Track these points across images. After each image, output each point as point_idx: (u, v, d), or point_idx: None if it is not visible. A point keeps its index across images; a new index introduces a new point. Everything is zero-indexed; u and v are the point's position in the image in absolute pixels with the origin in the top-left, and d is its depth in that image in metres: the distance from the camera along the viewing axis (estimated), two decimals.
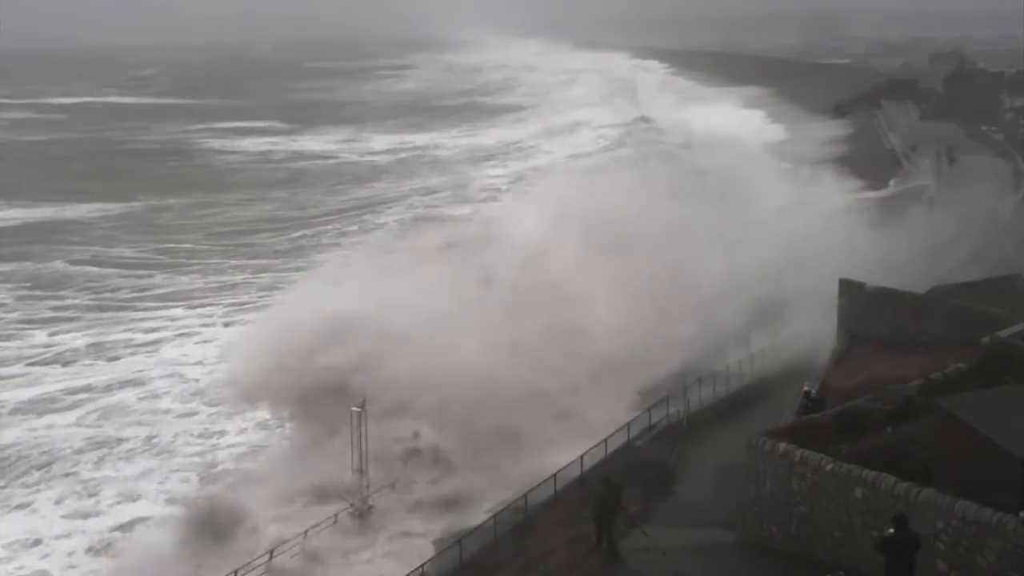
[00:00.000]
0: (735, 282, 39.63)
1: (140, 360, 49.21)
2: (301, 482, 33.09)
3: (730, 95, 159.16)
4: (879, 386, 22.80)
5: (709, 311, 37.98)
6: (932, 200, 56.77)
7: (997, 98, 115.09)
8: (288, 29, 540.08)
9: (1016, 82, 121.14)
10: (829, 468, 18.31)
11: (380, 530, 29.94)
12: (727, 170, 62.95)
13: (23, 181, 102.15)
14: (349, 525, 29.73)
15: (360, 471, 30.08)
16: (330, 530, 29.17)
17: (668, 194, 49.63)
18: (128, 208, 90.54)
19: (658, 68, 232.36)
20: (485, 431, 32.62)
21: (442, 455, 32.48)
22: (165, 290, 62.62)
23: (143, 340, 52.24)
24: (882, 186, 67.20)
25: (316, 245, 74.14)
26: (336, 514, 29.50)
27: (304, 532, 28.46)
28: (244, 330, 49.40)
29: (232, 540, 29.58)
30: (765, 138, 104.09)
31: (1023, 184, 62.23)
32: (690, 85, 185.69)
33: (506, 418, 32.88)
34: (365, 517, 29.94)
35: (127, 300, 60.69)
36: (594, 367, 36.39)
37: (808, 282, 35.67)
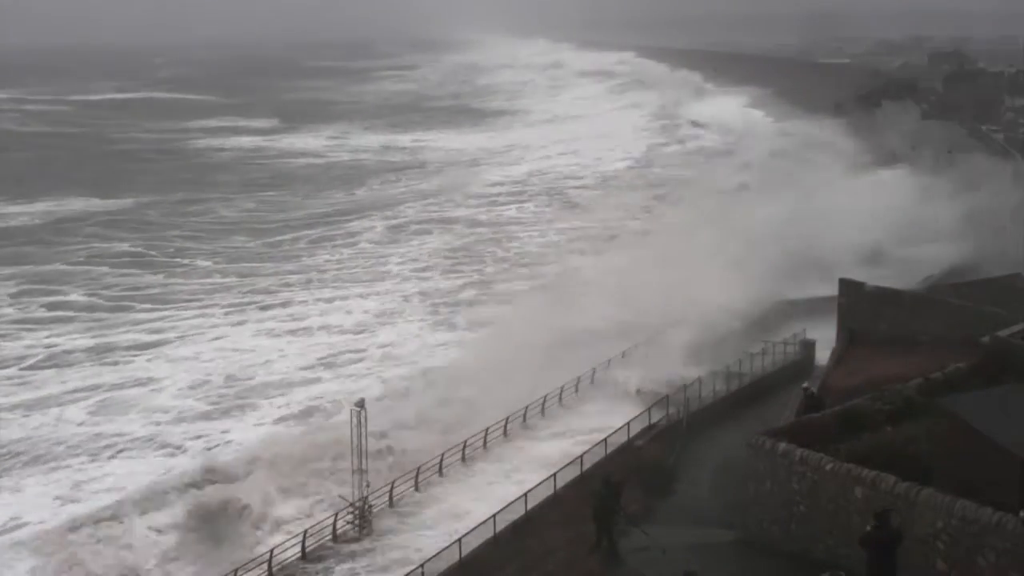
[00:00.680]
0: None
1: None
2: (301, 482, 33.17)
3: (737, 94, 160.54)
4: (879, 386, 22.82)
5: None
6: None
7: (997, 98, 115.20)
8: (302, 28, 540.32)
9: (1016, 82, 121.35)
10: (829, 468, 18.31)
11: (380, 530, 29.94)
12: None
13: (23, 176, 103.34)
14: (349, 525, 29.73)
15: (360, 471, 30.06)
16: (330, 530, 29.18)
17: None
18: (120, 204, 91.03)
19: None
20: None
21: None
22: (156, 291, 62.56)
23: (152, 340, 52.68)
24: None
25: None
26: (336, 513, 29.51)
27: (304, 532, 28.48)
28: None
29: (232, 540, 29.57)
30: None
31: None
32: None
33: None
34: (365, 517, 29.93)
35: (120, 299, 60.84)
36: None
37: None
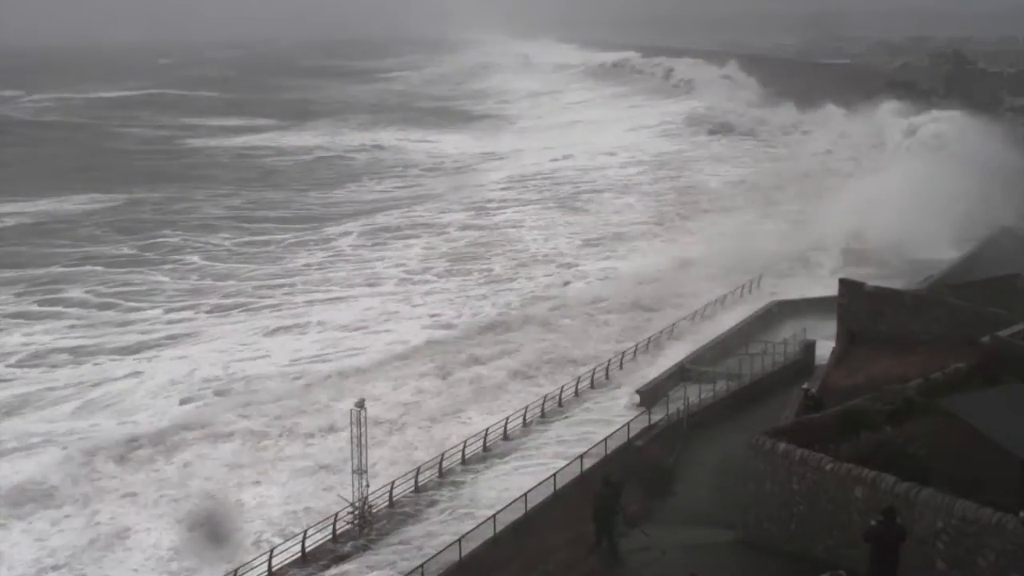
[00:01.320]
0: None
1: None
2: (302, 481, 33.19)
3: None
4: (879, 386, 22.80)
5: None
6: None
7: (998, 97, 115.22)
8: (314, 27, 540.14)
9: (1016, 82, 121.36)
10: (829, 468, 18.30)
11: (379, 530, 29.94)
12: None
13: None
14: (349, 525, 29.73)
15: (360, 471, 30.06)
16: (330, 530, 29.18)
17: None
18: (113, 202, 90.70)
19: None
20: None
21: None
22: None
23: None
24: None
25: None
26: (336, 514, 29.51)
27: (304, 532, 28.48)
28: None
29: (232, 540, 29.58)
30: None
31: None
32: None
33: None
34: (365, 517, 29.94)
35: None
36: None
37: None
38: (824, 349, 36.09)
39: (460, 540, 25.89)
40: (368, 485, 30.21)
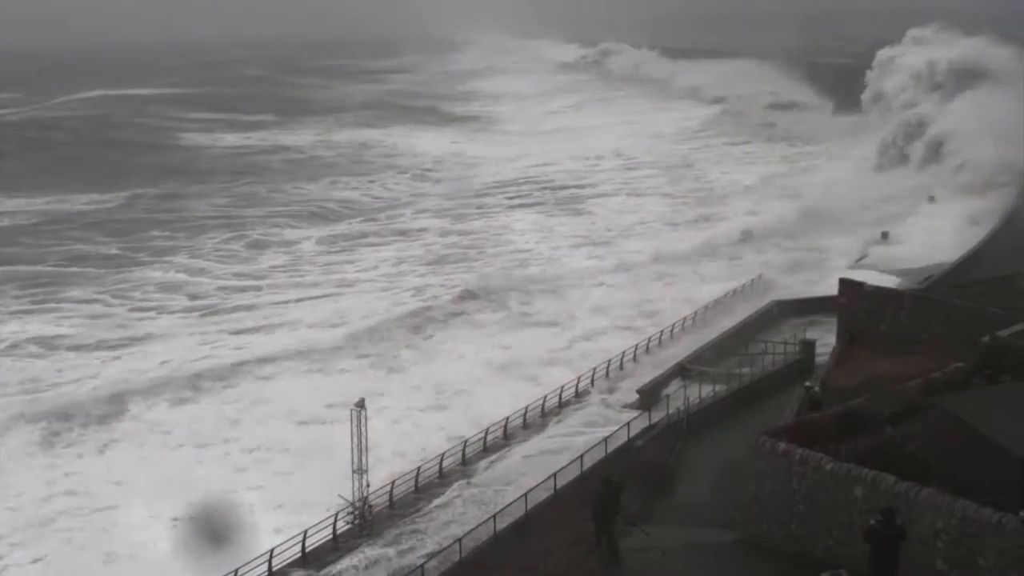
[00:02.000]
0: None
1: None
2: (302, 481, 33.18)
3: None
4: (879, 386, 22.81)
5: None
6: None
7: None
8: (325, 27, 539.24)
9: None
10: (829, 468, 18.30)
11: (379, 530, 29.93)
12: None
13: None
14: (349, 525, 29.72)
15: (360, 471, 30.04)
16: (330, 530, 29.17)
17: None
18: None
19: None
20: None
21: None
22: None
23: None
24: None
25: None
26: (336, 513, 29.49)
27: (304, 532, 28.46)
28: None
29: (232, 540, 29.55)
30: None
31: None
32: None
33: None
34: (365, 517, 29.92)
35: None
36: None
37: None
38: (824, 349, 36.12)
39: (460, 540, 25.89)
40: (368, 485, 30.20)
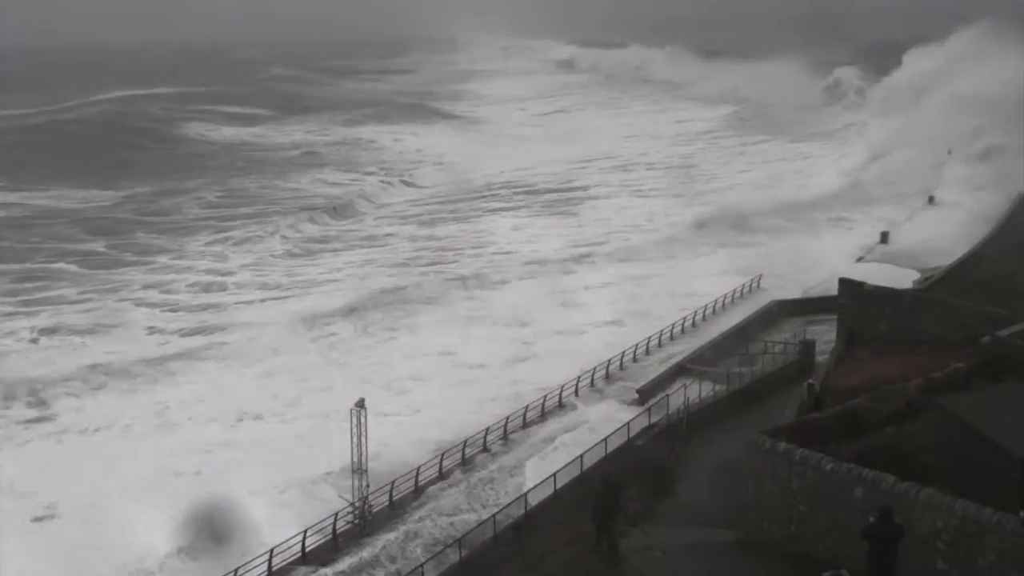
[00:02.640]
0: None
1: None
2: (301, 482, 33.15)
3: None
4: (879, 386, 22.81)
5: None
6: None
7: None
8: (337, 26, 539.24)
9: None
10: (829, 468, 18.31)
11: (379, 530, 29.93)
12: None
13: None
14: (349, 525, 29.71)
15: (360, 471, 30.03)
16: (330, 530, 29.16)
17: None
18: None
19: None
20: None
21: None
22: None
23: None
24: None
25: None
26: (336, 514, 29.49)
27: (304, 532, 28.45)
28: None
29: (231, 540, 29.55)
30: None
31: None
32: None
33: None
34: (365, 517, 29.92)
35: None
36: None
37: None
38: (824, 349, 36.12)
39: (460, 540, 25.89)
40: (368, 485, 30.18)
